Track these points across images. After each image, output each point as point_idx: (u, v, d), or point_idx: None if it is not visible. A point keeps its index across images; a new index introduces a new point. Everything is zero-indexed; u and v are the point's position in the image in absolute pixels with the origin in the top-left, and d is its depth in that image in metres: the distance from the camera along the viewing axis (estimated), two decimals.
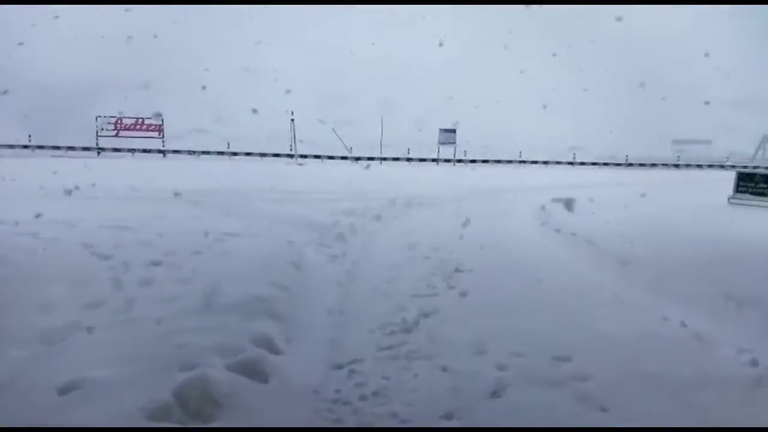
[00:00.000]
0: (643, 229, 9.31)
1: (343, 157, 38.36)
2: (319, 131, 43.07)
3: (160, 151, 37.62)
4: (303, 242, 7.74)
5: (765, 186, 16.19)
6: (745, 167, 42.62)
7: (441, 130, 39.70)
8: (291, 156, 36.17)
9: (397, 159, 39.80)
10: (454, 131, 39.46)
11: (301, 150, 38.66)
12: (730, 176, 33.51)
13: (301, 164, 32.24)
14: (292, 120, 35.40)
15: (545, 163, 39.61)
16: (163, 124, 38.11)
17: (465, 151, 39.67)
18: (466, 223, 10.57)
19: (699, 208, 15.15)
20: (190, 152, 37.44)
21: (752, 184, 16.44)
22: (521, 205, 14.49)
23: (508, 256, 7.31)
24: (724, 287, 5.13)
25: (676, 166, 40.67)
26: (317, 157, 38.37)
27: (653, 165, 40.46)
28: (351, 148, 39.01)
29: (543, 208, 12.32)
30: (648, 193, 19.26)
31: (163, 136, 38.18)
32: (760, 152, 75.18)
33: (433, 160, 39.65)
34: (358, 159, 38.23)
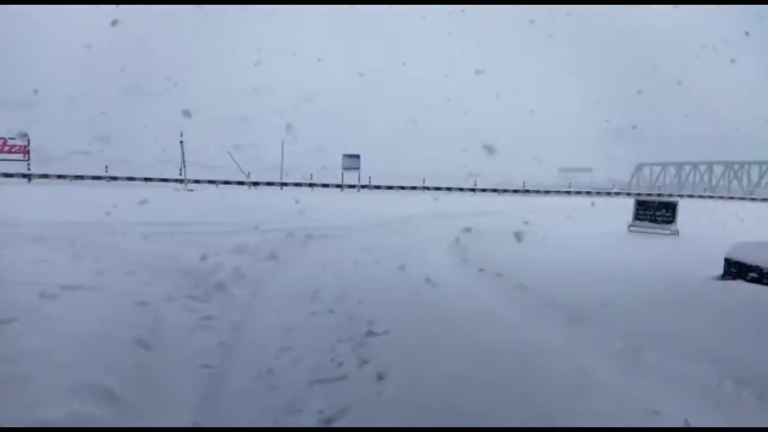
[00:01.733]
0: (570, 267, 8.49)
1: (240, 183, 35.86)
2: (218, 155, 40.33)
3: (24, 176, 32.85)
4: (166, 297, 5.89)
5: (661, 213, 16.51)
6: (629, 194, 45.79)
7: (345, 155, 38.54)
8: (181, 181, 33.07)
9: (299, 184, 38.00)
10: (357, 157, 38.47)
11: (195, 174, 35.65)
12: (619, 203, 35.40)
13: (191, 190, 29.41)
14: (182, 142, 32.45)
15: (448, 189, 39.69)
16: (29, 144, 33.43)
17: (369, 177, 38.75)
18: (377, 261, 9.20)
19: (604, 235, 15.11)
20: (60, 176, 33.08)
21: (650, 212, 16.72)
22: (434, 235, 13.42)
23: (431, 308, 5.96)
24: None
25: (567, 192, 42.48)
26: (211, 182, 35.55)
27: (547, 192, 41.94)
28: (249, 173, 36.60)
29: (457, 240, 11.28)
30: (552, 220, 19.23)
31: (28, 159, 33.45)
32: (635, 179, 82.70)
33: (337, 185, 38.30)
34: (256, 184, 35.91)
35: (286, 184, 37.51)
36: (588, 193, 42.95)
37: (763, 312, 5.43)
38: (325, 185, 38.32)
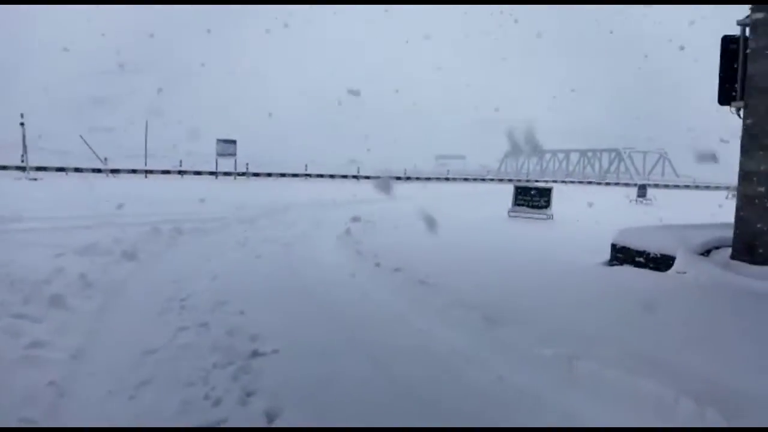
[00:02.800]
0: (465, 257, 8.12)
1: (96, 170, 31.99)
2: (72, 139, 35.71)
3: None
4: None
5: (539, 199, 17.16)
6: (501, 180, 48.45)
7: (219, 140, 35.98)
8: (23, 169, 28.63)
9: (167, 172, 34.87)
10: (234, 142, 36.11)
11: (42, 161, 31.16)
12: (492, 188, 37.01)
13: (34, 179, 25.53)
14: (22, 124, 28.01)
15: (331, 176, 38.87)
16: None
17: (247, 164, 36.63)
18: (258, 258, 8.15)
19: (489, 220, 15.32)
20: None
21: (527, 198, 17.30)
22: (321, 225, 12.56)
23: (327, 315, 5.13)
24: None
25: (447, 179, 43.81)
26: (61, 169, 31.30)
27: (428, 179, 42.88)
28: (106, 159, 32.78)
29: (348, 231, 10.52)
30: (437, 208, 19.27)
31: None
32: (503, 166, 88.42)
33: (211, 173, 35.72)
34: (115, 172, 32.26)
35: (151, 172, 34.20)
36: (465, 179, 44.63)
37: (673, 303, 5.34)
38: (198, 173, 35.57)
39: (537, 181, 44.97)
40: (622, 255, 7.77)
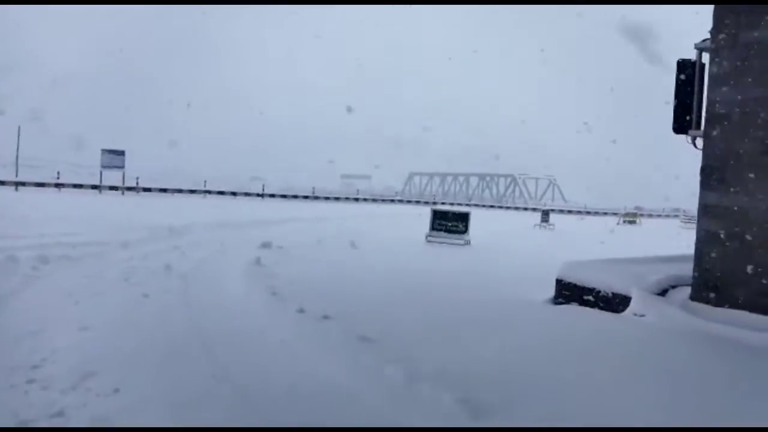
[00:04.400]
0: (398, 297, 7.06)
1: None
2: None
3: None
4: None
5: (457, 224, 16.66)
6: (403, 201, 48.55)
7: (105, 150, 32.39)
8: None
9: (41, 184, 30.76)
10: (122, 153, 32.69)
11: None
12: (402, 210, 36.72)
13: None
14: None
15: (233, 194, 36.48)
16: None
17: (137, 178, 33.30)
18: (145, 297, 6.52)
19: (408, 245, 14.47)
20: None
21: (446, 222, 16.76)
22: (226, 252, 10.95)
23: (242, 400, 3.75)
24: None
25: (356, 199, 43.00)
26: None
27: (337, 198, 41.77)
28: None
29: (258, 261, 9.08)
30: (350, 231, 18.21)
31: None
32: (408, 187, 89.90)
33: (94, 186, 32.01)
34: None
35: (23, 184, 29.97)
36: (374, 200, 44.08)
37: (649, 355, 4.61)
38: (78, 186, 31.71)
39: (443, 203, 45.51)
40: (568, 292, 7.10)
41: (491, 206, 53.67)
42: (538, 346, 4.77)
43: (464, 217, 16.77)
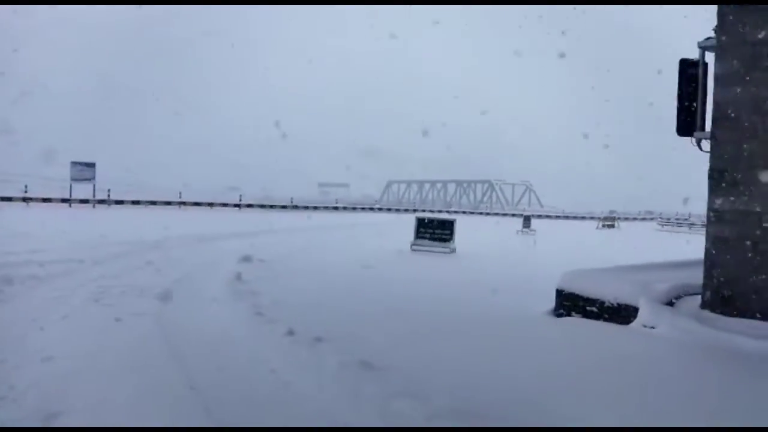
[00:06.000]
0: (392, 307, 6.65)
1: None
2: None
3: None
4: None
5: (442, 231, 16.34)
6: (382, 209, 48.22)
7: (74, 163, 31.31)
8: None
9: (7, 199, 29.55)
10: (92, 165, 31.62)
11: None
12: (382, 218, 36.39)
13: None
14: None
15: (210, 205, 35.60)
16: None
17: (108, 190, 32.24)
18: (117, 321, 5.98)
19: (394, 254, 14.09)
20: None
21: (431, 230, 16.42)
22: (204, 267, 10.38)
23: None
24: None
25: (335, 208, 42.45)
26: None
27: (316, 208, 41.17)
28: None
29: (239, 277, 8.55)
30: (334, 241, 17.75)
31: None
32: (386, 195, 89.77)
33: (65, 200, 30.88)
34: None
35: None
36: (354, 208, 43.61)
37: (669, 371, 4.28)
38: (47, 199, 30.55)
39: (423, 210, 45.27)
40: (569, 303, 6.77)
41: (471, 212, 53.62)
42: (549, 369, 4.39)
43: (449, 225, 16.46)
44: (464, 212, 50.65)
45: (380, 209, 45.96)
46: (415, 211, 44.65)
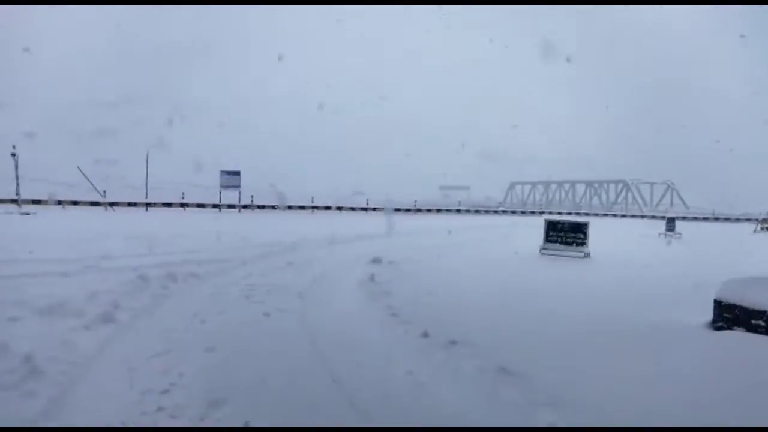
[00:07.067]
0: (527, 311, 6.45)
1: (94, 203, 30.58)
2: (74, 172, 34.56)
3: None
4: None
5: (574, 234, 15.53)
6: (508, 211, 46.97)
7: (223, 172, 34.65)
8: (16, 201, 27.20)
9: (168, 204, 33.44)
10: (237, 174, 34.76)
11: (39, 194, 29.77)
12: (506, 220, 35.48)
13: (27, 213, 24.02)
14: (14, 155, 26.73)
15: (339, 208, 37.36)
16: None
17: (252, 197, 35.21)
18: (266, 315, 6.49)
19: (524, 260, 13.66)
20: None
21: (561, 233, 15.67)
22: (337, 268, 10.91)
23: None
24: None
25: (458, 211, 42.22)
26: (58, 203, 29.91)
27: (438, 210, 41.30)
28: (104, 192, 31.42)
29: (372, 278, 8.87)
30: (459, 244, 17.66)
31: None
32: (509, 197, 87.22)
33: (215, 206, 34.26)
34: (113, 205, 30.84)
35: (152, 205, 32.77)
36: (476, 211, 43.06)
37: None
38: (201, 205, 34.10)
39: (549, 212, 43.41)
40: (730, 315, 6.08)
41: (603, 215, 50.27)
42: (708, 396, 3.96)
43: (582, 228, 15.58)
44: (596, 214, 47.63)
45: (504, 212, 44.87)
46: (541, 213, 42.92)
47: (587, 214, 46.81)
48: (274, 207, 35.80)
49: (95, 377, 4.46)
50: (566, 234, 15.63)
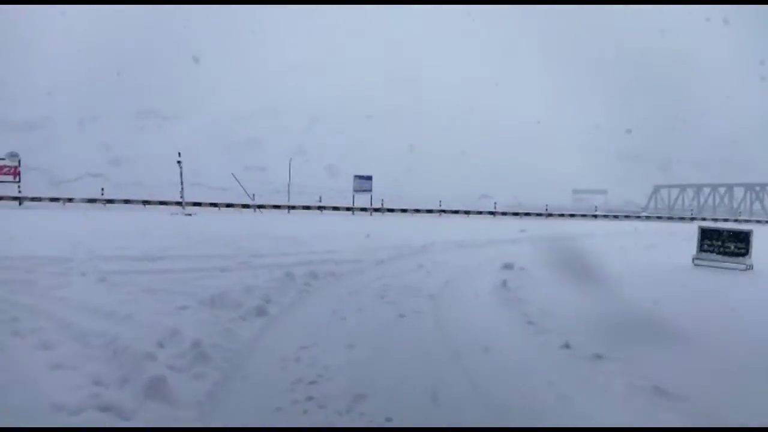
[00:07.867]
0: (690, 333, 5.89)
1: (244, 206, 33.60)
2: (227, 177, 38.43)
3: (14, 198, 30.81)
4: None
5: (733, 244, 13.85)
6: (652, 216, 43.11)
7: (356, 176, 36.20)
8: (180, 203, 30.84)
9: (307, 207, 35.68)
10: (369, 178, 36.11)
11: (201, 197, 33.49)
12: (649, 227, 32.64)
13: (189, 214, 27.11)
14: (179, 162, 30.30)
15: (466, 212, 37.13)
16: (19, 165, 31.45)
17: (382, 200, 36.34)
18: (401, 317, 6.66)
19: (677, 271, 12.49)
20: (53, 199, 31.07)
21: (719, 243, 14.05)
22: (467, 271, 10.87)
23: None
24: None
25: (594, 216, 39.72)
26: (214, 205, 33.34)
27: (572, 215, 39.21)
28: (254, 196, 34.39)
29: (504, 283, 8.70)
30: (598, 251, 16.61)
31: (19, 180, 31.43)
32: (653, 202, 79.76)
33: (348, 208, 35.90)
34: (261, 207, 33.64)
35: (293, 207, 35.21)
36: (615, 216, 40.17)
37: None
38: (336, 208, 35.95)
39: (704, 219, 39.13)
40: None
41: (767, 222, 44.03)
42: None
43: (743, 237, 13.82)
44: (758, 221, 41.89)
45: (647, 217, 41.29)
46: (692, 219, 38.84)
47: (747, 221, 41.33)
48: (403, 210, 36.58)
49: (253, 365, 4.93)
50: (724, 243, 13.98)
